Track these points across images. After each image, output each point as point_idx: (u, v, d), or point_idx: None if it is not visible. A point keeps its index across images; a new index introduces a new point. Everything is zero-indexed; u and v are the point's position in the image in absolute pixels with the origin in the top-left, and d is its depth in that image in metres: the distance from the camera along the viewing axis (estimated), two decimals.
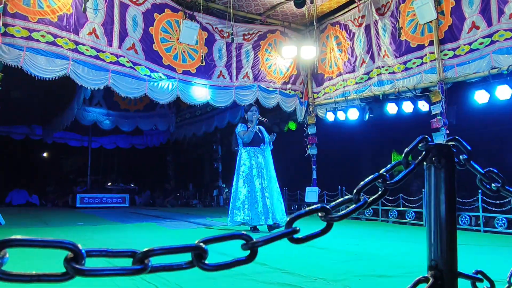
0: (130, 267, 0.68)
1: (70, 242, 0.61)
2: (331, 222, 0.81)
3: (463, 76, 6.47)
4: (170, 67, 7.50)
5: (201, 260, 0.73)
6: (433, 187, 0.97)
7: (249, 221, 5.45)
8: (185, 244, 0.72)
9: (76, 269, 0.62)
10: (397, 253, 3.93)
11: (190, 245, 0.71)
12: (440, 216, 0.95)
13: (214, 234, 0.74)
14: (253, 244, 0.75)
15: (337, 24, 8.73)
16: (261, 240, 0.75)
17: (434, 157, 0.97)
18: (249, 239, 0.75)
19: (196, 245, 0.71)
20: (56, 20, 6.22)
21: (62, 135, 14.27)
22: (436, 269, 0.94)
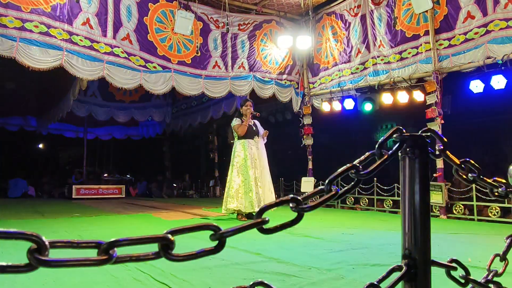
0: (94, 258, 0.69)
1: (33, 234, 0.61)
2: (302, 212, 0.82)
3: (458, 66, 6.49)
4: (165, 58, 7.46)
5: (167, 251, 0.73)
6: (407, 177, 0.99)
7: (242, 208, 5.70)
8: (152, 235, 0.72)
9: (39, 259, 0.62)
10: (391, 242, 3.97)
11: (157, 236, 0.72)
12: (414, 205, 0.97)
13: (185, 224, 0.75)
14: (221, 234, 0.76)
15: (333, 13, 8.69)
16: (230, 230, 0.76)
17: (409, 147, 0.98)
18: (217, 230, 0.76)
19: (163, 236, 0.72)
20: (50, 10, 6.16)
21: (57, 126, 14.19)
22: (410, 258, 0.97)
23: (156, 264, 2.83)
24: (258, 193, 5.80)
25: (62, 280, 2.37)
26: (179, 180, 14.94)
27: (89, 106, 12.35)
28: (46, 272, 2.68)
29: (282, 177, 9.50)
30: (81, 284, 2.35)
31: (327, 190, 0.91)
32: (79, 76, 6.58)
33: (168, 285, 2.34)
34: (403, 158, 1.01)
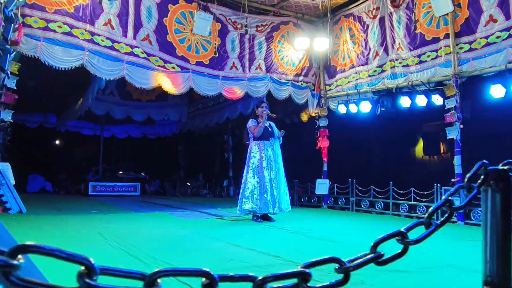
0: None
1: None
2: (407, 245, 0.89)
3: (478, 70, 6.40)
4: (184, 58, 7.53)
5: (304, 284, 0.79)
6: (490, 208, 1.04)
7: (257, 209, 5.74)
8: (292, 271, 0.77)
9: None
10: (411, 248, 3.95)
11: (296, 271, 0.77)
12: (496, 235, 1.02)
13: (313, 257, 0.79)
14: (346, 268, 0.82)
15: (351, 15, 8.66)
16: (353, 265, 0.82)
17: (492, 180, 1.03)
18: (342, 264, 0.82)
19: (302, 271, 0.77)
20: (73, 11, 6.27)
21: (75, 123, 14.44)
22: (492, 285, 1.01)
23: (174, 263, 2.88)
24: (273, 195, 5.81)
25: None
26: (192, 179, 15.05)
27: (107, 104, 12.52)
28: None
29: (297, 179, 9.50)
30: None
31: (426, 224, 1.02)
32: (99, 75, 6.69)
33: (190, 286, 2.39)
34: (485, 190, 1.07)
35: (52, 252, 0.62)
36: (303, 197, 9.58)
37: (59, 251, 0.62)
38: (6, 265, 0.58)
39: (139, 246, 3.55)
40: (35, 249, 0.61)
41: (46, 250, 0.62)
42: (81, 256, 0.63)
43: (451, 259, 3.33)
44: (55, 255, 0.62)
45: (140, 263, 2.86)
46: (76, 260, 0.63)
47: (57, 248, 0.62)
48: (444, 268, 3.02)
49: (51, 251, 0.62)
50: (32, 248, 0.61)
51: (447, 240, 4.57)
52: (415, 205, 7.12)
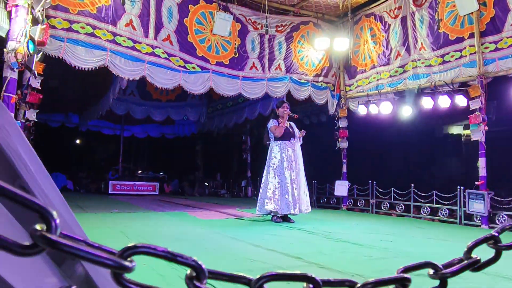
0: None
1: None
2: (500, 250, 0.84)
3: (505, 70, 6.24)
4: (204, 58, 7.56)
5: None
6: None
7: (279, 210, 5.71)
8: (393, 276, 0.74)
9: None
10: (433, 252, 3.87)
11: (397, 277, 0.74)
12: None
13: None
14: (443, 274, 0.78)
15: (372, 15, 8.56)
16: (451, 270, 0.78)
17: None
18: (439, 269, 0.78)
19: (402, 276, 0.74)
20: (95, 12, 6.37)
21: (96, 123, 14.68)
22: None
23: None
24: (294, 195, 5.77)
25: None
26: (210, 179, 15.11)
27: (127, 104, 12.69)
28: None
29: (315, 180, 9.43)
30: None
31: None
32: (121, 76, 6.77)
33: (213, 285, 2.38)
34: None
35: (163, 253, 0.61)
36: (322, 199, 9.51)
37: (169, 253, 0.61)
38: (118, 267, 0.56)
39: (160, 245, 3.56)
40: (145, 250, 0.60)
41: (158, 251, 0.60)
42: (191, 258, 0.62)
43: None
44: (166, 257, 0.61)
45: (167, 265, 2.86)
46: (186, 263, 0.62)
47: (166, 249, 0.61)
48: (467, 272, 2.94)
49: (163, 252, 0.61)
50: (142, 248, 0.60)
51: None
52: (437, 208, 6.99)
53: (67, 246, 0.52)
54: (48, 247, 0.50)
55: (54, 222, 0.51)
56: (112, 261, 0.55)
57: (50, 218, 0.51)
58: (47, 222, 0.51)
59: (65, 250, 0.51)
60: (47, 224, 0.51)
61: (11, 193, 0.50)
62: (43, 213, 0.51)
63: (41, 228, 0.50)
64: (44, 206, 0.51)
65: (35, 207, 0.51)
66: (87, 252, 0.53)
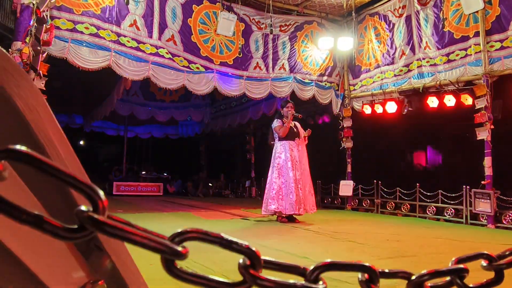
0: None
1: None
2: None
3: (510, 68, 6.20)
4: (208, 59, 7.55)
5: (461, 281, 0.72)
6: None
7: (283, 210, 5.69)
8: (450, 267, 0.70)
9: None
10: (440, 251, 3.84)
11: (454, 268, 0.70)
12: None
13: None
14: (498, 265, 0.74)
15: (376, 14, 8.53)
16: (504, 262, 0.74)
17: None
18: (494, 260, 0.74)
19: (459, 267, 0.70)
20: (99, 13, 6.37)
21: (99, 124, 14.69)
22: None
23: (207, 263, 2.87)
24: (299, 195, 5.74)
25: None
26: (214, 179, 15.10)
27: (131, 105, 12.69)
28: None
29: (320, 180, 9.39)
30: None
31: None
32: (125, 76, 6.77)
33: None
34: None
35: (216, 239, 0.55)
36: (327, 198, 9.47)
37: (223, 239, 0.55)
38: (171, 253, 0.50)
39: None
40: (198, 235, 0.54)
41: (211, 237, 0.54)
42: (245, 244, 0.56)
43: None
44: (219, 243, 0.56)
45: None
46: (241, 250, 0.56)
47: (220, 234, 0.56)
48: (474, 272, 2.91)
49: (216, 238, 0.55)
50: (195, 233, 0.54)
51: (477, 243, 4.43)
52: (443, 207, 6.94)
53: (117, 229, 0.47)
54: (97, 229, 0.46)
55: (101, 203, 0.47)
56: (165, 246, 0.50)
57: (97, 198, 0.47)
58: (94, 202, 0.47)
59: (115, 233, 0.47)
60: (94, 205, 0.47)
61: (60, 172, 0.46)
62: (90, 193, 0.47)
63: (87, 209, 0.46)
64: (92, 185, 0.47)
65: (82, 187, 0.47)
66: (139, 236, 0.49)
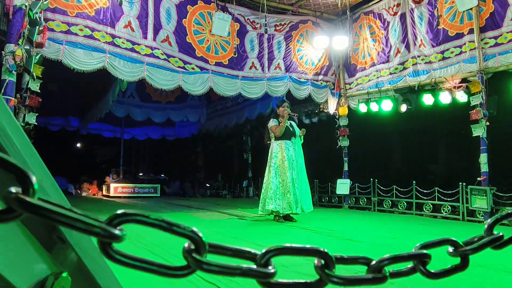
0: None
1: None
2: None
3: (505, 65, 6.22)
4: (203, 59, 7.55)
5: (424, 267, 0.70)
6: None
7: (281, 210, 5.67)
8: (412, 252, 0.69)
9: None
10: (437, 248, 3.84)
11: (416, 253, 0.69)
12: None
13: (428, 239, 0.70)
14: (463, 251, 0.72)
15: (371, 13, 8.54)
16: (469, 248, 0.73)
17: None
18: (459, 246, 0.73)
19: (422, 253, 0.69)
20: (94, 14, 6.35)
21: (96, 126, 14.66)
22: None
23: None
24: (296, 195, 5.74)
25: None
26: (212, 180, 15.09)
27: (127, 107, 12.66)
28: None
29: (317, 179, 9.41)
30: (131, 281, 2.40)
31: None
32: (121, 77, 6.75)
33: (217, 285, 2.36)
34: None
35: (156, 222, 0.53)
36: (324, 197, 9.48)
37: (163, 221, 0.54)
38: (107, 235, 0.49)
39: (162, 245, 3.55)
40: (136, 218, 0.53)
41: (151, 219, 0.53)
42: (190, 228, 0.54)
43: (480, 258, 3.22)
44: (160, 226, 0.54)
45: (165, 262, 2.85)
46: (184, 233, 0.54)
47: (161, 217, 0.53)
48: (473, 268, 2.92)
49: (156, 220, 0.53)
50: (134, 216, 0.52)
51: None
52: (440, 204, 6.96)
53: (46, 210, 0.45)
54: (25, 210, 0.44)
55: (31, 184, 0.45)
56: (99, 229, 0.49)
57: (27, 179, 0.45)
58: (23, 184, 0.45)
59: (43, 215, 0.45)
60: (23, 186, 0.45)
61: None
62: (19, 174, 0.45)
63: (16, 191, 0.44)
64: (20, 167, 0.45)
65: (10, 167, 0.45)
66: (69, 218, 0.47)
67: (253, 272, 0.58)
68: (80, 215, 0.49)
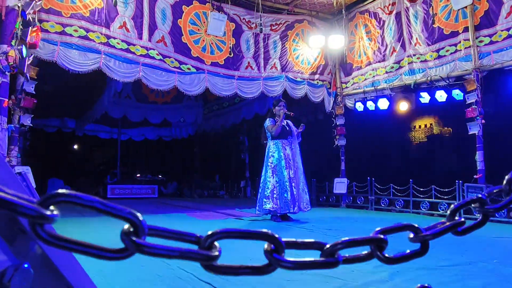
0: None
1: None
2: (488, 214, 0.76)
3: (500, 63, 6.25)
4: (199, 59, 7.54)
5: (380, 252, 0.69)
6: None
7: (278, 209, 5.66)
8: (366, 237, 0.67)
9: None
10: (434, 246, 3.84)
11: (371, 237, 0.68)
12: None
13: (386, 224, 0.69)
14: (423, 236, 0.72)
15: (366, 12, 8.55)
16: (431, 232, 0.72)
17: None
18: (419, 231, 0.72)
19: (377, 237, 0.67)
20: (88, 15, 6.33)
21: (92, 127, 14.63)
22: None
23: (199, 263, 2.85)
24: (293, 194, 5.73)
25: (107, 276, 2.42)
26: (209, 180, 15.07)
27: (123, 107, 12.64)
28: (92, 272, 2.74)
29: (314, 178, 9.40)
30: (126, 282, 2.39)
31: (506, 190, 0.81)
32: (116, 78, 6.73)
33: (211, 284, 2.35)
34: None
35: (90, 203, 0.51)
36: (321, 197, 9.48)
37: (100, 203, 0.52)
38: (38, 216, 0.47)
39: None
40: (71, 199, 0.51)
41: (85, 200, 0.51)
42: (127, 210, 0.52)
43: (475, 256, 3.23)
44: (95, 208, 0.52)
45: (165, 266, 2.83)
46: (121, 215, 0.53)
47: (96, 198, 0.52)
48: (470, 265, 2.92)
49: (92, 202, 0.51)
50: (67, 197, 0.51)
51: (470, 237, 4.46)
52: (437, 202, 6.97)
53: None
54: None
55: None
56: (30, 209, 0.47)
57: None
58: None
59: None
60: None
61: None
62: None
63: None
64: None
65: None
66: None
67: (193, 254, 0.57)
68: (11, 195, 0.47)
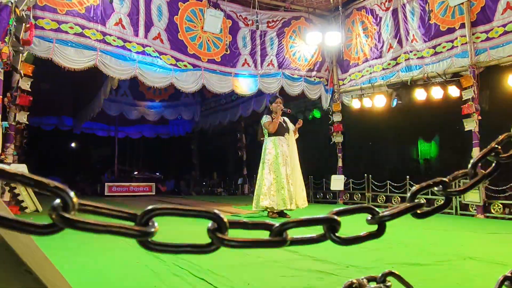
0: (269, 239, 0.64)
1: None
2: (450, 196, 0.76)
3: (496, 59, 6.25)
4: (195, 56, 7.52)
5: (333, 233, 0.68)
6: None
7: (275, 206, 5.66)
8: (318, 216, 0.66)
9: (221, 239, 0.59)
10: (430, 242, 3.86)
11: (323, 217, 0.67)
12: None
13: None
14: (380, 217, 0.71)
15: (363, 8, 8.54)
16: (388, 214, 0.71)
17: None
18: (376, 213, 0.71)
19: (329, 217, 0.66)
20: (84, 12, 6.31)
21: (89, 125, 14.60)
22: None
23: (193, 260, 2.85)
24: (290, 191, 5.72)
25: (103, 272, 2.42)
26: (207, 177, 15.08)
27: (120, 105, 12.62)
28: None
29: (311, 175, 9.41)
30: (122, 277, 2.39)
31: (471, 174, 0.83)
32: (112, 75, 6.72)
33: (206, 281, 2.35)
34: None
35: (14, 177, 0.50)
36: (318, 193, 9.49)
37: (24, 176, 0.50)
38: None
39: None
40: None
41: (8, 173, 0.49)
42: (54, 184, 0.51)
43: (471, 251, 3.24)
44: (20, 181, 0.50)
45: (160, 262, 2.83)
46: (48, 189, 0.51)
47: (21, 172, 0.50)
48: (464, 260, 2.93)
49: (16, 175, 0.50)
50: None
51: (466, 233, 4.48)
52: (433, 199, 6.98)
53: None
54: None
55: None
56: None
57: None
58: None
59: None
60: None
61: None
62: None
63: None
64: None
65: None
66: None
67: (126, 230, 0.56)
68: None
